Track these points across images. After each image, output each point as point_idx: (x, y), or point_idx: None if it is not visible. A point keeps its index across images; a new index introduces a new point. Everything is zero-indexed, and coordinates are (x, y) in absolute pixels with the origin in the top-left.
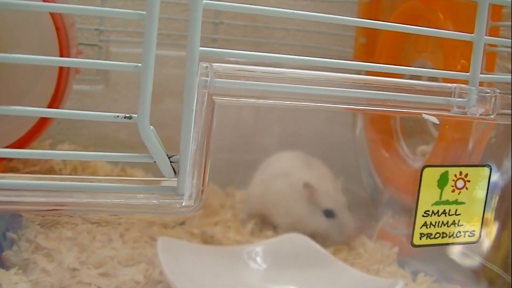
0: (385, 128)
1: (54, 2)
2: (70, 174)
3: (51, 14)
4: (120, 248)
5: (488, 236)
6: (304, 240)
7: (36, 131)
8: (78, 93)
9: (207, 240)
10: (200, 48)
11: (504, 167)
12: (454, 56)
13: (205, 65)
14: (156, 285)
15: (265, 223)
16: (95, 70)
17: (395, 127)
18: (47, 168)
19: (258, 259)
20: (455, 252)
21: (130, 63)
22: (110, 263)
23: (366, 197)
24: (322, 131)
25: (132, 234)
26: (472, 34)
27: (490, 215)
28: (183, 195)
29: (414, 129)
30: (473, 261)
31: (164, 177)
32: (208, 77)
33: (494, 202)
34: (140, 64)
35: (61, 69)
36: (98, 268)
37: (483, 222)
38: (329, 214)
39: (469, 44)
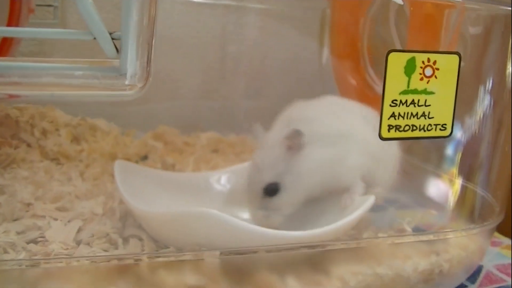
0: (352, 53)
1: None
2: (27, 122)
3: None
4: (79, 185)
5: (454, 194)
6: None
7: None
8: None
9: (168, 169)
10: None
11: (466, 124)
12: None
13: None
14: (115, 213)
15: None
16: (51, 12)
17: (362, 52)
18: (3, 115)
19: (223, 181)
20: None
21: None
22: (68, 198)
23: None
24: (289, 66)
25: (92, 171)
26: None
27: (454, 170)
28: (126, 74)
29: (382, 52)
30: None
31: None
32: None
33: (457, 158)
34: None
35: (12, 7)
36: (54, 203)
37: (454, 117)
38: None
39: None
